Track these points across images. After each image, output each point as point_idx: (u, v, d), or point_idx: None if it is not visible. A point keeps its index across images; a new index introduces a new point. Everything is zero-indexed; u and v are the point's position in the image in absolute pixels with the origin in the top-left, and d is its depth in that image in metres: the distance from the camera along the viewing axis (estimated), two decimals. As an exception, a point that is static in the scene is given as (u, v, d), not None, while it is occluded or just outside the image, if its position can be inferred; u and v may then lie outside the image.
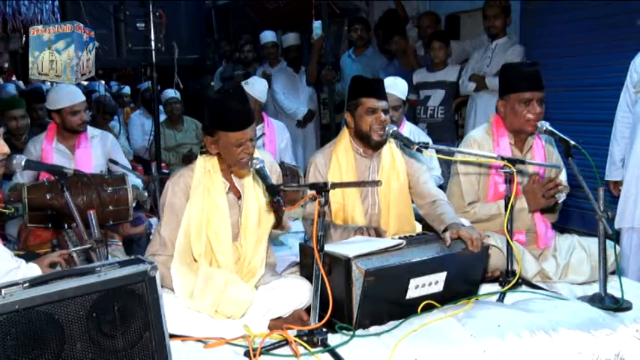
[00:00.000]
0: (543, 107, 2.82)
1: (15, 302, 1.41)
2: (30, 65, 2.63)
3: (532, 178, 2.84)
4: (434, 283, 2.36)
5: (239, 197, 2.47)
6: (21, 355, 1.41)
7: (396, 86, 3.58)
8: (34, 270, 2.12)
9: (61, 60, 2.57)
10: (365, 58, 5.39)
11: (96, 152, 3.69)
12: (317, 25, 5.30)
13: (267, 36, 5.92)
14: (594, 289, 2.59)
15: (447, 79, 4.74)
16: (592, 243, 2.76)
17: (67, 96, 3.51)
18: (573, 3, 4.58)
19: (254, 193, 2.45)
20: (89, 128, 3.78)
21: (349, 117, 2.79)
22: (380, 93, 2.73)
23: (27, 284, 1.46)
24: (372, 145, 2.77)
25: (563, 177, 3.01)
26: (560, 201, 2.90)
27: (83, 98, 3.60)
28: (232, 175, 2.46)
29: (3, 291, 1.42)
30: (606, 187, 3.32)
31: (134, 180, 3.58)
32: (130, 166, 3.93)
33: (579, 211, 3.95)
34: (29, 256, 2.42)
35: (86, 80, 3.07)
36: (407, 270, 2.28)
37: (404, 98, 3.64)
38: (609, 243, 2.59)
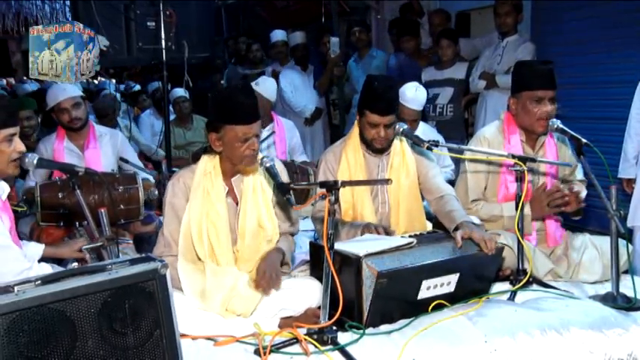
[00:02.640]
0: (555, 106, 2.80)
1: (28, 299, 1.42)
2: (30, 65, 2.66)
3: (541, 186, 2.81)
4: (446, 284, 2.35)
5: (237, 202, 2.46)
6: (34, 352, 1.42)
7: (415, 101, 3.59)
8: (45, 270, 2.14)
9: (60, 60, 2.58)
10: (369, 58, 5.38)
11: (105, 151, 3.70)
12: (335, 41, 5.29)
13: (278, 35, 5.92)
14: (606, 288, 2.57)
15: (455, 76, 4.73)
16: (604, 242, 2.73)
17: (55, 94, 3.51)
18: (585, 1, 4.54)
19: (253, 199, 2.44)
20: (97, 127, 3.78)
21: (358, 118, 2.78)
22: (385, 109, 2.64)
23: (39, 282, 1.47)
24: (374, 151, 2.78)
25: (579, 174, 2.99)
26: (582, 198, 2.85)
27: (71, 95, 3.52)
28: (232, 179, 2.46)
29: (16, 288, 1.43)
30: (619, 185, 3.29)
31: (145, 175, 3.58)
32: (140, 164, 3.94)
33: (591, 209, 3.91)
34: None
35: (88, 79, 3.08)
36: (420, 272, 2.27)
37: (421, 109, 3.67)
38: (622, 242, 2.57)
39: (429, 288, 2.31)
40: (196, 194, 2.40)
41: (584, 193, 2.89)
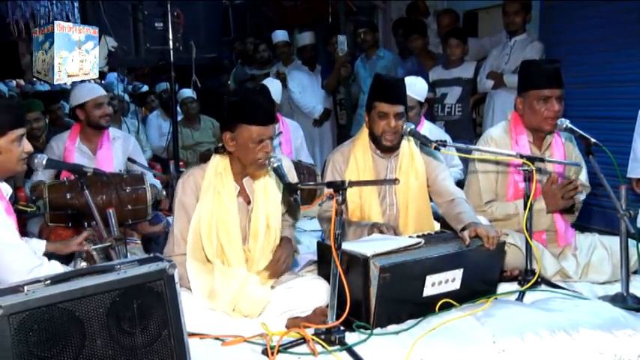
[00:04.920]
0: (562, 105, 2.78)
1: (37, 299, 1.43)
2: (32, 64, 2.72)
3: (551, 178, 2.80)
4: (450, 280, 2.35)
5: (248, 202, 2.46)
6: (44, 351, 1.43)
7: (412, 86, 3.53)
8: (56, 267, 2.15)
9: (47, 60, 2.61)
10: (376, 58, 5.36)
11: (117, 154, 3.72)
12: (342, 39, 5.27)
13: (279, 35, 5.91)
14: (616, 288, 2.55)
15: (463, 76, 4.71)
16: (613, 242, 2.72)
17: (90, 90, 3.61)
18: (593, 1, 4.51)
19: (264, 199, 2.44)
20: (111, 130, 3.81)
21: (366, 116, 2.78)
22: (394, 97, 2.66)
23: (49, 282, 1.48)
24: (383, 149, 2.77)
25: (583, 176, 2.97)
26: (579, 201, 2.86)
27: (105, 92, 3.70)
28: (243, 180, 2.46)
29: (26, 288, 1.44)
30: (628, 185, 3.26)
31: (152, 180, 3.60)
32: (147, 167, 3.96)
33: (600, 209, 3.89)
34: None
35: (94, 79, 3.14)
36: (422, 266, 2.27)
37: (420, 99, 3.59)
38: (631, 242, 2.55)
39: (434, 284, 2.31)
40: (207, 194, 2.40)
41: (582, 197, 2.87)
